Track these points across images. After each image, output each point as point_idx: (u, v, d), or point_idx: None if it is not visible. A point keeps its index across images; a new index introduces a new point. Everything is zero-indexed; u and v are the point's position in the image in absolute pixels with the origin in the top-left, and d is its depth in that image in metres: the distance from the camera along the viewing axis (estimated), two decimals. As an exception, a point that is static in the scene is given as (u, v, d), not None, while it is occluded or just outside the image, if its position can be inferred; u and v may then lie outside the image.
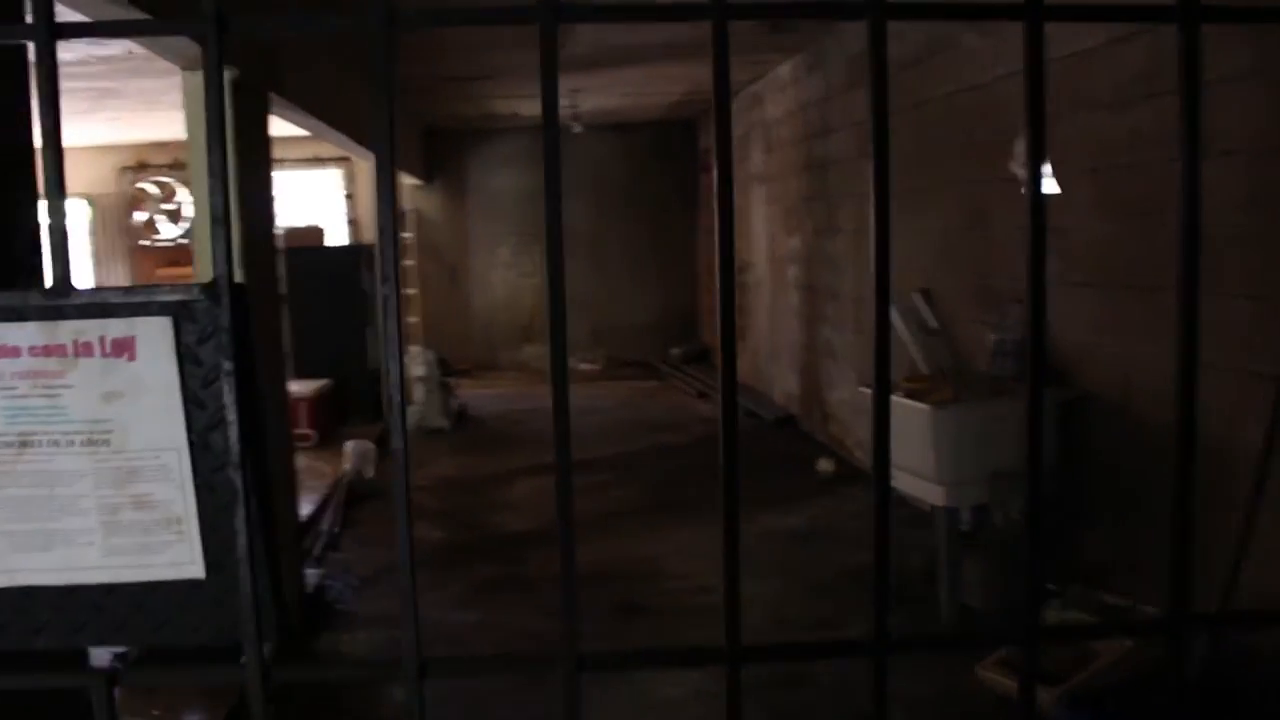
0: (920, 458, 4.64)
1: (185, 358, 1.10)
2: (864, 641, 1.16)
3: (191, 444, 1.11)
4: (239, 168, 4.41)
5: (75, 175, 13.42)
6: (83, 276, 13.85)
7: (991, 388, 4.90)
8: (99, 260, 13.76)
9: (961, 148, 5.78)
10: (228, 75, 4.47)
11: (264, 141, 4.95)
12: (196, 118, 4.34)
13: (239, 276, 3.56)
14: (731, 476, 1.08)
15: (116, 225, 13.60)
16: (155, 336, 1.09)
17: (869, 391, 3.62)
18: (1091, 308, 4.59)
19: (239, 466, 1.10)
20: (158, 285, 1.12)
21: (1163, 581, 1.02)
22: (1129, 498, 4.42)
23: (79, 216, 13.80)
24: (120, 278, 13.69)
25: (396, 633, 3.75)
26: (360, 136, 8.79)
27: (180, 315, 1.12)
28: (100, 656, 2.64)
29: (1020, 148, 4.92)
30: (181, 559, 1.14)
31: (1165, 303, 4.13)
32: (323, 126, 7.59)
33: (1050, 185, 4.86)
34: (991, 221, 5.46)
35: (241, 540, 1.11)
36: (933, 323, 5.48)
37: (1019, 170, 5.05)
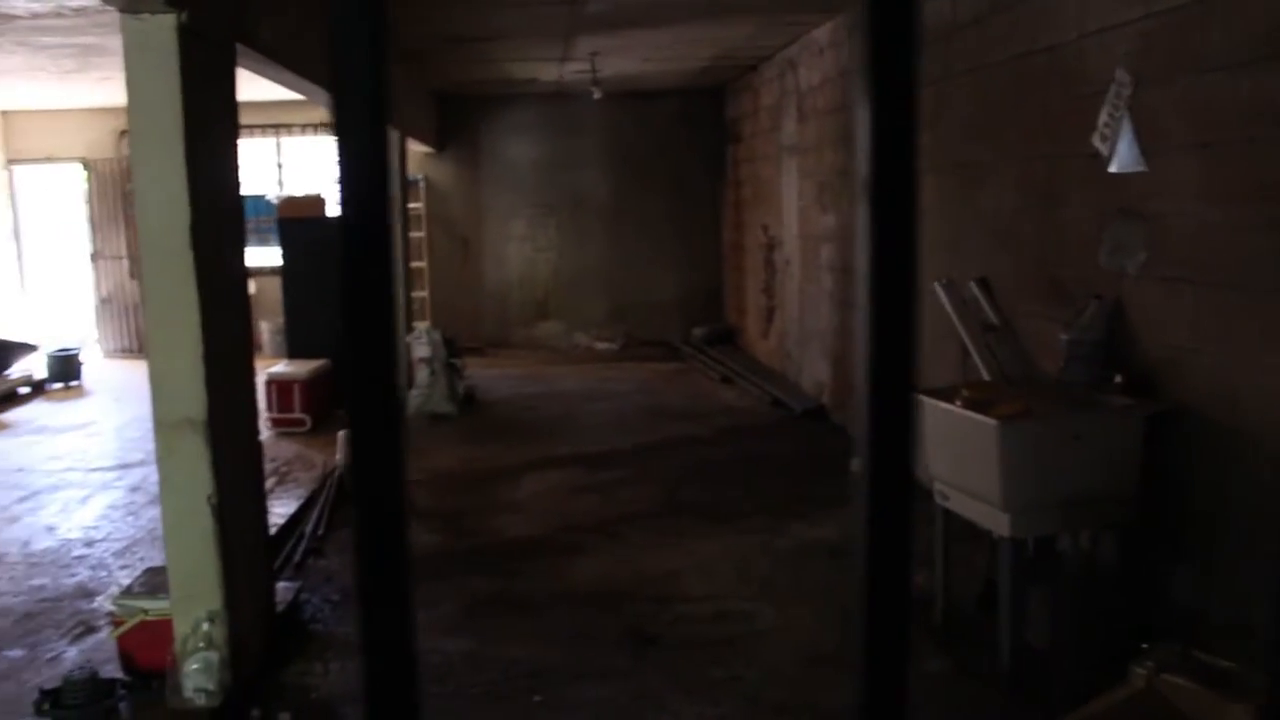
0: (983, 479, 3.98)
1: None
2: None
3: None
4: (189, 131, 3.75)
5: (71, 139, 12.86)
6: (79, 244, 13.29)
7: (1067, 398, 4.21)
8: (96, 228, 13.17)
9: (1030, 118, 5.08)
10: (174, 20, 3.82)
11: (227, 101, 4.29)
12: (136, 70, 3.69)
13: (188, 255, 2.73)
14: None
15: (116, 192, 12.98)
16: None
17: (920, 398, 2.86)
18: (1189, 307, 3.90)
19: None
20: None
21: None
22: (1235, 535, 3.74)
23: (74, 182, 13.22)
24: (120, 246, 13.11)
25: None
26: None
27: None
28: None
29: (1105, 117, 4.23)
30: None
31: (1294, 307, 3.44)
32: (311, 87, 6.92)
33: (1137, 162, 4.16)
34: (1064, 203, 4.76)
35: None
36: (993, 318, 4.79)
37: (1101, 145, 4.35)
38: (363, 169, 0.61)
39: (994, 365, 4.58)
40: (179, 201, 3.76)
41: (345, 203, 0.61)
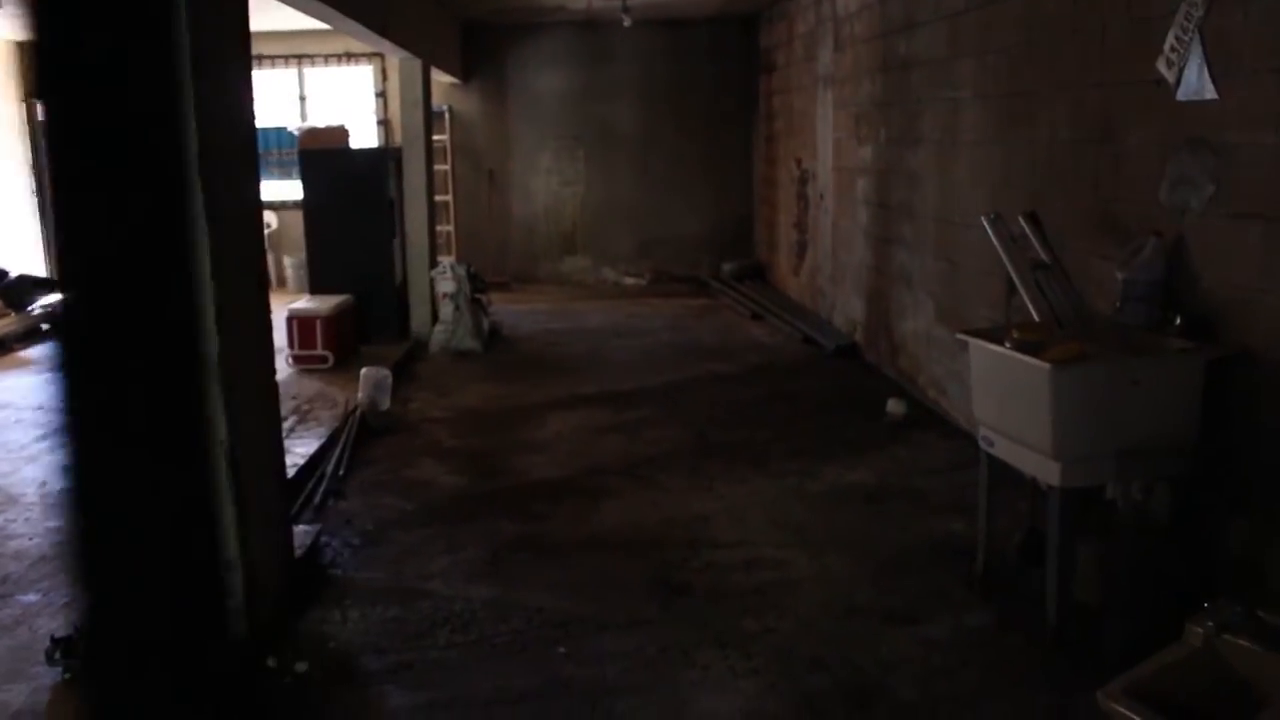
0: (1034, 426, 3.76)
1: None
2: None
3: None
4: (196, 55, 3.54)
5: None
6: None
7: (1123, 341, 3.98)
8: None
9: (1087, 43, 4.77)
10: (178, -67, 3.58)
11: (238, 23, 4.06)
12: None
13: (196, 187, 2.46)
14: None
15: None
16: None
17: (966, 338, 2.62)
18: (1259, 246, 3.64)
19: None
20: None
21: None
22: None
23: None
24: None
25: (395, 610, 2.90)
26: (382, 27, 7.87)
27: None
28: None
29: (1172, 41, 3.94)
30: None
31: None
32: (334, 15, 6.68)
33: (1206, 89, 3.88)
34: (1123, 134, 4.47)
35: None
36: (1043, 255, 4.54)
37: (1167, 71, 4.06)
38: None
39: (1043, 305, 4.34)
40: (185, 131, 3.55)
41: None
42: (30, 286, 10.85)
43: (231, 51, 3.96)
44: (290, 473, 5.45)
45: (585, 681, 3.74)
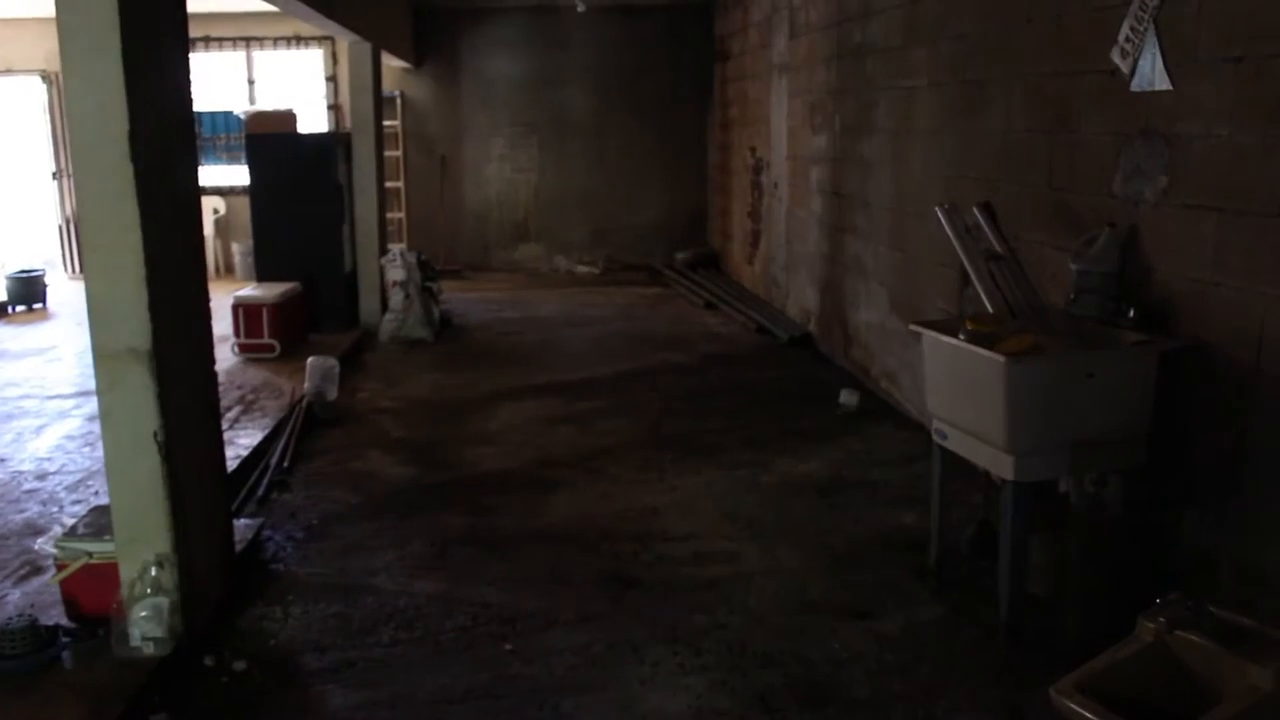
0: (987, 419, 3.72)
1: None
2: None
3: None
4: (127, 28, 3.41)
5: (29, 49, 12.35)
6: (41, 161, 12.82)
7: (1077, 333, 3.95)
8: (59, 144, 12.66)
9: (1043, 31, 4.73)
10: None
11: (173, 8, 3.91)
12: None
13: (128, 169, 2.31)
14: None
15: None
16: None
17: (920, 330, 2.56)
18: (1212, 237, 3.62)
19: None
20: None
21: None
22: (1252, 481, 3.50)
23: (31, 96, 12.69)
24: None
25: (338, 606, 2.77)
26: (329, 8, 7.71)
27: None
28: None
29: (1127, 31, 3.91)
30: None
31: (1336, 238, 3.16)
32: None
33: (1161, 80, 3.85)
34: (1077, 124, 4.44)
35: None
36: (997, 245, 4.50)
37: (1122, 61, 4.02)
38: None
39: (997, 296, 4.30)
40: (116, 108, 3.42)
41: None
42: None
43: (167, 22, 3.82)
44: (233, 465, 5.33)
45: (532, 679, 3.65)
